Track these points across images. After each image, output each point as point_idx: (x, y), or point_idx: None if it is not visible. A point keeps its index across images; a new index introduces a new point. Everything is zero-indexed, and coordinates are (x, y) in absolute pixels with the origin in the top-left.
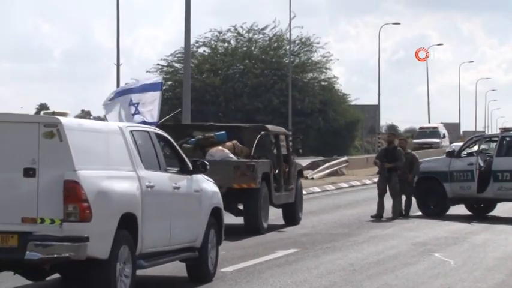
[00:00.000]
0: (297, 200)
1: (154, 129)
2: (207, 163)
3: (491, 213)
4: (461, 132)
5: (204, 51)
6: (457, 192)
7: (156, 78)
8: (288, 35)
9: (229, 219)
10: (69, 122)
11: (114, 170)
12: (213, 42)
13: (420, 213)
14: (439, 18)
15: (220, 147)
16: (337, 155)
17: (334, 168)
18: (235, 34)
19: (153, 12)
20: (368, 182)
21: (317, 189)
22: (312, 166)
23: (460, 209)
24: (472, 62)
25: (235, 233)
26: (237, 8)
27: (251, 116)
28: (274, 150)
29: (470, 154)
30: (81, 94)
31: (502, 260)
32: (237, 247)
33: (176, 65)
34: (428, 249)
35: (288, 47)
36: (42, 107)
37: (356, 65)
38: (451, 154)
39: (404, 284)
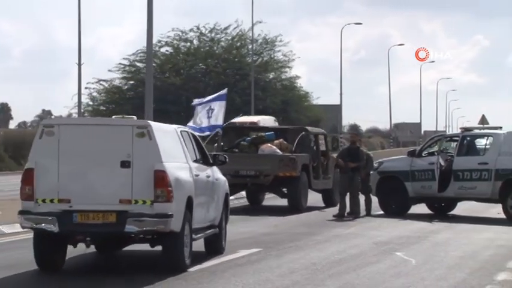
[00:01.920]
0: (334, 187)
1: (190, 130)
2: (226, 157)
3: (452, 212)
4: (423, 132)
5: (167, 50)
6: (418, 191)
7: (223, 90)
8: (250, 34)
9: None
10: (154, 124)
11: (178, 162)
12: (175, 41)
13: (382, 212)
14: (400, 18)
15: (269, 144)
16: None
17: None
18: (198, 34)
19: (115, 11)
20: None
21: (242, 193)
22: None
23: (421, 208)
24: (433, 62)
25: None
26: (199, 7)
27: None
28: (314, 147)
29: (431, 153)
30: (43, 93)
31: (463, 258)
32: (199, 247)
33: (138, 64)
34: (390, 248)
35: (250, 46)
36: (3, 106)
37: (318, 65)
38: (412, 153)
39: (366, 283)
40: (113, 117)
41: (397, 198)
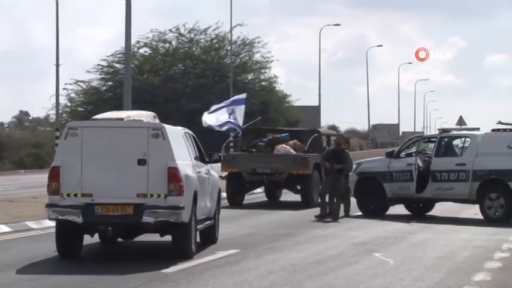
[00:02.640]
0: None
1: (189, 131)
2: (221, 156)
3: (430, 213)
4: (401, 133)
5: (145, 51)
6: (396, 192)
7: (243, 95)
8: (229, 36)
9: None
10: (167, 126)
11: (185, 160)
12: (154, 42)
13: (360, 213)
14: (378, 19)
15: (284, 145)
16: None
17: None
18: (177, 35)
19: (93, 12)
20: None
21: (258, 190)
22: None
23: (400, 209)
24: (411, 63)
25: None
26: (178, 8)
27: (191, 117)
28: (326, 147)
29: (409, 154)
30: (20, 94)
31: (441, 259)
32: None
33: (117, 65)
34: (368, 248)
35: (229, 48)
36: None
37: (296, 66)
38: (390, 154)
39: (344, 283)
40: (125, 119)
41: (376, 199)
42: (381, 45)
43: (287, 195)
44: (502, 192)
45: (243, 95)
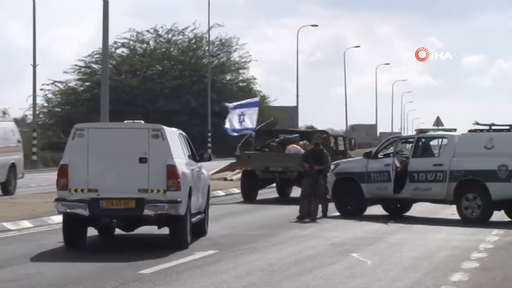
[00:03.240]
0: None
1: (183, 132)
2: (210, 155)
3: (407, 214)
4: (378, 134)
5: (123, 52)
6: (374, 192)
7: (256, 98)
8: (207, 36)
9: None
10: (166, 128)
11: (181, 159)
12: (131, 43)
13: (338, 213)
14: (356, 20)
15: (294, 145)
16: None
17: None
18: (155, 35)
19: (70, 12)
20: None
21: (236, 191)
22: (231, 167)
23: (377, 209)
24: (389, 64)
25: (156, 237)
26: (156, 8)
27: (169, 117)
28: (334, 147)
29: (387, 155)
30: None
31: (418, 259)
32: (155, 249)
33: (94, 65)
34: (346, 249)
35: (207, 48)
36: None
37: (274, 66)
38: (368, 155)
39: (322, 284)
40: (125, 121)
41: (353, 199)
42: (359, 46)
43: (296, 191)
44: (479, 193)
45: (256, 98)
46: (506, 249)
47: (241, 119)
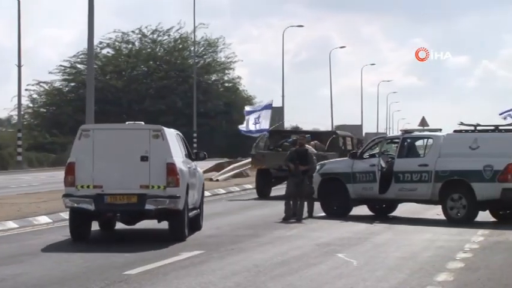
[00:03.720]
0: None
1: (180, 133)
2: (205, 154)
3: (393, 214)
4: (364, 134)
5: (108, 52)
6: (359, 193)
7: (269, 100)
8: (192, 37)
9: None
10: (165, 128)
11: (179, 157)
12: (117, 43)
13: (324, 214)
14: (341, 21)
15: (306, 145)
16: (241, 157)
17: (239, 169)
18: (140, 35)
19: (55, 12)
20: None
21: (222, 191)
22: (217, 168)
23: (363, 210)
24: (374, 64)
25: (143, 237)
26: (141, 9)
27: (154, 118)
28: (342, 147)
29: (373, 155)
30: None
31: (404, 259)
32: (141, 249)
33: (79, 66)
34: (331, 249)
35: (192, 48)
36: None
37: (259, 67)
38: (353, 155)
39: (308, 284)
40: (126, 123)
41: (339, 199)
42: (344, 47)
43: None
44: (464, 193)
45: (270, 101)
46: (491, 249)
47: (257, 121)
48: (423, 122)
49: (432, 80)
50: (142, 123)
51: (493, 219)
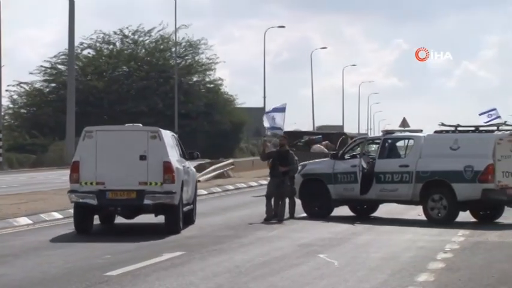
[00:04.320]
0: None
1: (175, 134)
2: (198, 153)
3: (374, 214)
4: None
5: (89, 53)
6: (340, 193)
7: (283, 103)
8: (174, 37)
9: None
10: (162, 130)
11: (174, 156)
12: (97, 44)
13: (305, 214)
14: (322, 21)
15: (318, 145)
16: (223, 158)
17: (221, 170)
18: (121, 36)
19: (36, 13)
20: (254, 184)
21: (203, 192)
22: (199, 169)
23: (344, 210)
24: (355, 65)
25: (123, 238)
26: (122, 9)
27: (137, 119)
28: None
29: (354, 156)
30: None
31: (385, 260)
32: (122, 251)
33: (60, 66)
34: (313, 250)
35: (174, 49)
36: None
37: (241, 68)
38: (335, 156)
39: (289, 285)
40: (126, 125)
41: (320, 200)
42: (325, 47)
43: None
44: (445, 194)
45: (284, 104)
46: (471, 249)
47: (273, 120)
48: (404, 123)
49: (413, 80)
50: (140, 125)
51: (473, 219)
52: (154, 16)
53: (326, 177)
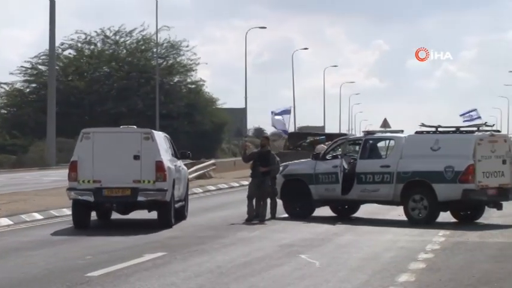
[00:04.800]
0: None
1: (167, 135)
2: (190, 153)
3: (355, 215)
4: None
5: (70, 53)
6: (322, 194)
7: (289, 106)
8: (155, 38)
9: None
10: (155, 132)
11: (166, 156)
12: (79, 44)
13: (286, 215)
14: (303, 22)
15: (322, 145)
16: (204, 158)
17: (202, 171)
18: (102, 36)
19: (15, 13)
20: (236, 184)
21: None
22: None
23: (325, 211)
24: (336, 66)
25: (104, 241)
26: (103, 10)
27: (117, 119)
28: None
29: (335, 156)
30: None
31: (365, 260)
32: (103, 251)
33: (41, 67)
34: (294, 250)
35: (155, 50)
36: None
37: (222, 68)
38: (316, 156)
39: (270, 285)
40: (121, 127)
41: (302, 201)
42: (307, 48)
43: None
44: (426, 194)
45: (289, 107)
46: (452, 250)
47: (281, 123)
48: (385, 123)
49: (393, 81)
50: (135, 127)
51: (454, 220)
52: (136, 17)
53: (307, 177)
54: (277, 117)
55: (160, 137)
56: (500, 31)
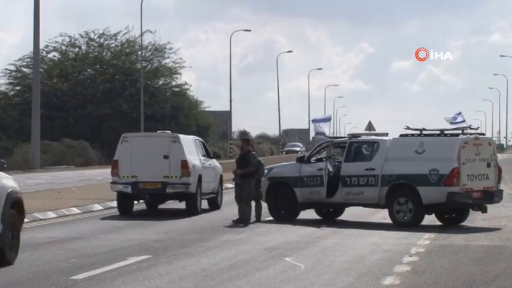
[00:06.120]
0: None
1: (199, 138)
2: (219, 153)
3: (340, 218)
4: (311, 138)
5: (54, 56)
6: (307, 197)
7: (328, 115)
8: (140, 41)
9: None
10: (182, 136)
11: (193, 156)
12: (63, 47)
13: (271, 218)
14: (287, 25)
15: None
16: None
17: None
18: (87, 39)
19: None
20: (230, 186)
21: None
22: None
23: (310, 214)
24: (321, 69)
25: (92, 239)
26: (88, 12)
27: (101, 122)
28: None
29: (320, 159)
30: None
31: (350, 263)
32: (88, 254)
33: (25, 69)
34: (279, 253)
35: (140, 53)
36: None
37: (206, 71)
38: (301, 159)
39: None
40: (158, 131)
41: (287, 204)
42: (291, 51)
43: None
44: (411, 197)
45: (329, 116)
46: (437, 252)
47: (321, 131)
48: (370, 126)
49: (377, 84)
50: (169, 132)
51: (438, 222)
52: (120, 19)
53: (292, 180)
54: (321, 124)
55: (188, 140)
56: (483, 34)
